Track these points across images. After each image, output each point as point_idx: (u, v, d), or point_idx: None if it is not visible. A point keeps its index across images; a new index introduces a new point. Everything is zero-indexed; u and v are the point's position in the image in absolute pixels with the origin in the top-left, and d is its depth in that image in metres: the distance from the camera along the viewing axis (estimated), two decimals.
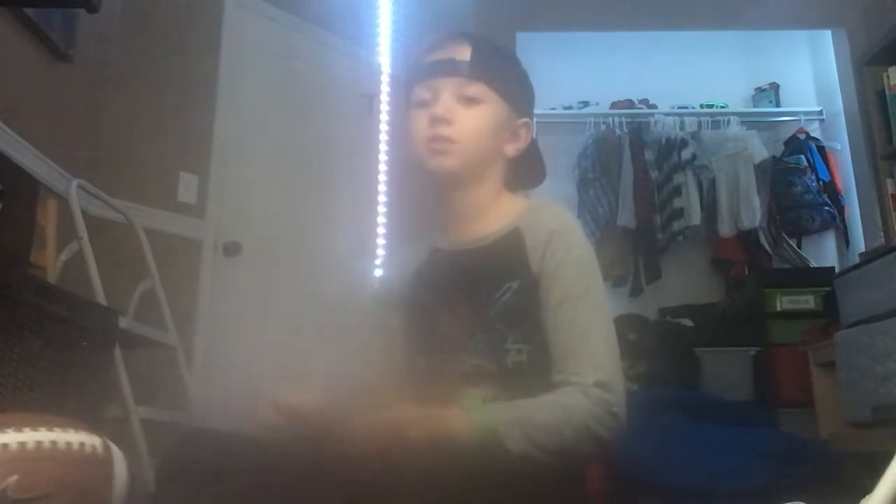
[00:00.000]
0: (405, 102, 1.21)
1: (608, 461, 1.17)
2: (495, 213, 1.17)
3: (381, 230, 3.58)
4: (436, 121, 1.11)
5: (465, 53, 1.14)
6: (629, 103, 4.30)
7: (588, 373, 1.00)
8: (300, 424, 0.92)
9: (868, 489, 0.76)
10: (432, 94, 1.14)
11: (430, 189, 1.20)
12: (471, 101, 1.12)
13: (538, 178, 1.28)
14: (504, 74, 1.18)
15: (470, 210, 1.17)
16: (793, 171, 3.99)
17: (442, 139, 1.11)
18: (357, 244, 3.46)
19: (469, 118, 1.12)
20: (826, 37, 4.08)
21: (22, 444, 0.81)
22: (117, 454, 0.90)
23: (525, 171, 1.23)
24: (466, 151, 1.12)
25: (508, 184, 1.20)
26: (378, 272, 3.39)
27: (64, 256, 2.19)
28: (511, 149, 1.18)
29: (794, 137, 4.12)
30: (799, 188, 3.96)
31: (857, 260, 3.24)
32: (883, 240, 3.41)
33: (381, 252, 3.51)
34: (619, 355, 1.06)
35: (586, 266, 1.09)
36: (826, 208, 3.93)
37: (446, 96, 1.12)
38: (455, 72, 1.13)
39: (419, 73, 1.17)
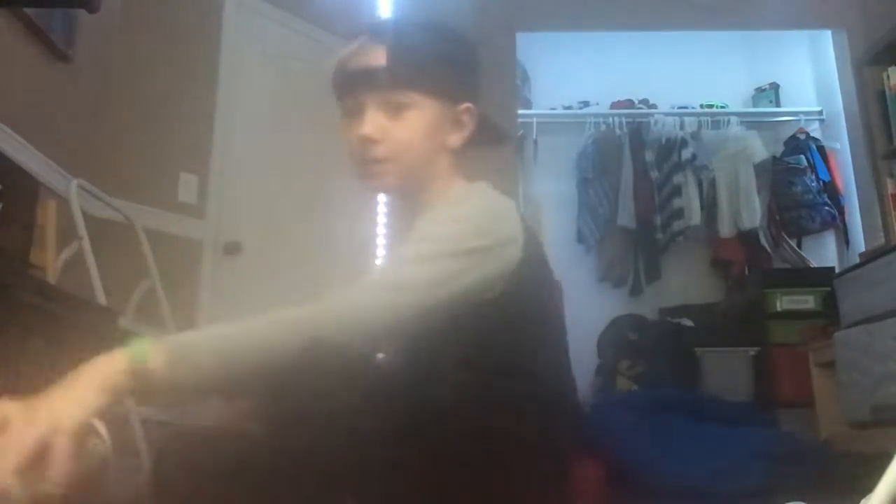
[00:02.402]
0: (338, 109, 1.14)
1: (608, 461, 1.17)
2: (441, 206, 1.10)
3: (381, 230, 3.58)
4: (363, 142, 1.05)
5: (379, 58, 1.05)
6: (629, 103, 4.30)
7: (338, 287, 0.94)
8: None
9: (868, 489, 0.76)
10: (357, 106, 1.07)
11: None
12: (398, 109, 1.06)
13: (497, 141, 1.21)
14: (429, 70, 1.08)
15: (422, 212, 1.10)
16: (793, 171, 3.99)
17: (373, 161, 1.06)
18: (357, 244, 3.46)
19: (399, 132, 1.06)
20: (826, 37, 4.08)
21: None
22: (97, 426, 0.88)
23: (480, 141, 1.16)
24: (401, 167, 1.07)
25: (462, 160, 1.14)
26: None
27: (64, 256, 2.19)
28: (455, 139, 1.12)
29: (794, 137, 4.11)
30: (799, 188, 3.96)
31: (857, 260, 3.24)
32: (883, 240, 3.41)
33: (381, 252, 3.51)
34: (410, 296, 0.92)
35: (446, 210, 1.01)
36: (826, 208, 3.93)
37: (371, 111, 1.05)
38: (374, 82, 1.05)
39: (340, 84, 1.11)
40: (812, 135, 4.12)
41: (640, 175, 4.05)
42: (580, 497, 1.09)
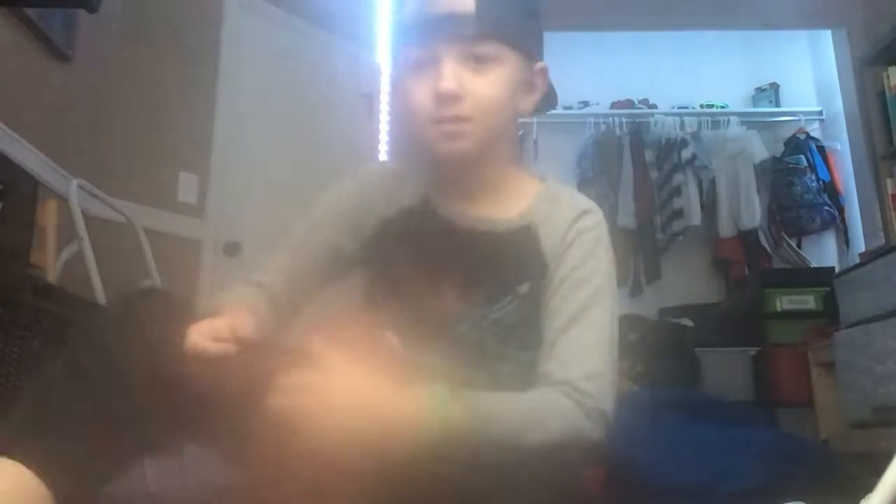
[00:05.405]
0: (398, 65, 1.06)
1: (607, 461, 1.17)
2: (507, 193, 1.02)
3: None
4: (443, 99, 0.92)
5: (468, 3, 0.92)
6: (629, 103, 4.30)
7: (574, 364, 0.89)
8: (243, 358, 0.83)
9: (868, 489, 0.76)
10: (430, 55, 0.94)
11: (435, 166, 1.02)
12: (481, 62, 0.93)
13: (550, 104, 1.09)
14: (516, 20, 0.96)
15: (478, 186, 1.02)
16: (793, 171, 3.99)
17: (453, 120, 0.93)
18: None
19: (483, 87, 0.93)
20: (826, 37, 4.08)
21: None
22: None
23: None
24: (484, 129, 0.94)
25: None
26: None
27: (64, 256, 2.19)
28: (528, 103, 1.01)
29: (794, 137, 4.11)
30: (799, 188, 3.96)
31: (857, 260, 3.24)
32: (883, 240, 3.41)
33: None
34: (617, 350, 0.95)
35: (598, 250, 0.99)
36: (826, 208, 3.93)
37: (451, 63, 0.92)
38: (459, 30, 0.92)
39: (415, 31, 0.96)
40: (812, 135, 4.12)
41: (640, 175, 4.05)
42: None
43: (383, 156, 3.67)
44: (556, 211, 1.00)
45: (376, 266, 1.03)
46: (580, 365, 0.90)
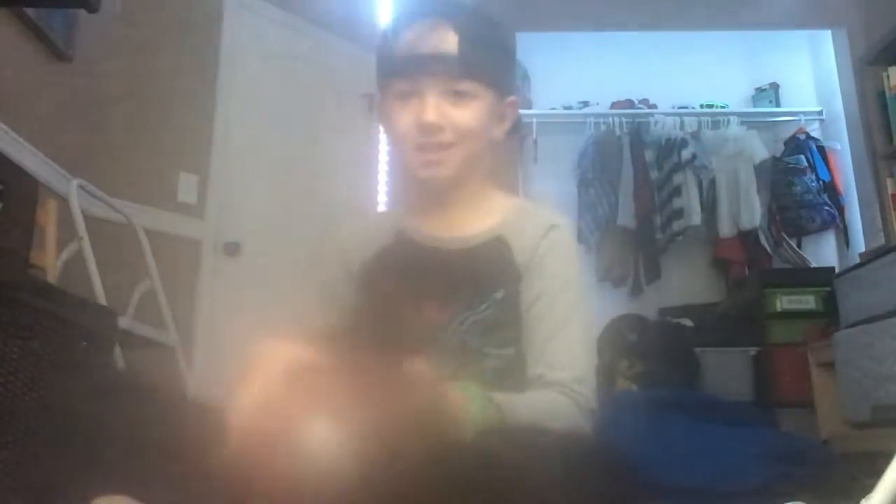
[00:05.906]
0: (379, 91, 1.09)
1: (607, 461, 1.17)
2: (479, 210, 1.11)
3: None
4: (426, 129, 1.01)
5: (450, 44, 1.01)
6: (629, 103, 4.30)
7: (566, 368, 0.97)
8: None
9: (868, 489, 0.76)
10: (414, 88, 1.02)
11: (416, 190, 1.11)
12: (460, 96, 1.02)
13: (517, 131, 1.22)
14: (494, 61, 1.07)
15: (453, 204, 1.10)
16: (793, 171, 3.99)
17: (435, 147, 1.02)
18: None
19: (463, 118, 1.02)
20: (826, 37, 4.08)
21: None
22: None
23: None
24: (462, 155, 1.04)
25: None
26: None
27: (64, 256, 2.19)
28: (498, 132, 1.11)
29: (794, 137, 4.11)
30: (799, 188, 3.96)
31: (857, 260, 3.24)
32: (883, 240, 3.41)
33: None
34: (594, 354, 1.03)
35: (570, 262, 1.06)
36: (826, 208, 3.93)
37: (434, 97, 1.01)
38: (443, 69, 1.01)
39: (402, 66, 1.03)
40: (812, 135, 4.12)
41: (640, 175, 4.04)
42: None
43: (383, 156, 3.67)
44: (527, 223, 1.08)
45: (360, 297, 1.09)
46: (570, 369, 0.98)
